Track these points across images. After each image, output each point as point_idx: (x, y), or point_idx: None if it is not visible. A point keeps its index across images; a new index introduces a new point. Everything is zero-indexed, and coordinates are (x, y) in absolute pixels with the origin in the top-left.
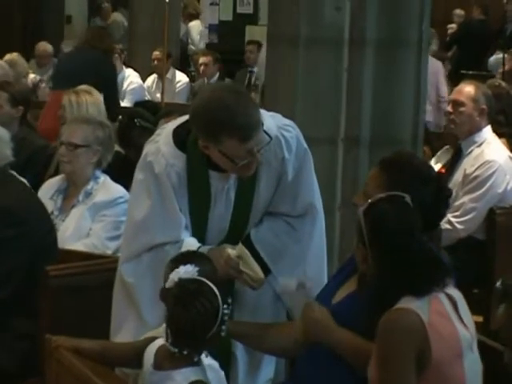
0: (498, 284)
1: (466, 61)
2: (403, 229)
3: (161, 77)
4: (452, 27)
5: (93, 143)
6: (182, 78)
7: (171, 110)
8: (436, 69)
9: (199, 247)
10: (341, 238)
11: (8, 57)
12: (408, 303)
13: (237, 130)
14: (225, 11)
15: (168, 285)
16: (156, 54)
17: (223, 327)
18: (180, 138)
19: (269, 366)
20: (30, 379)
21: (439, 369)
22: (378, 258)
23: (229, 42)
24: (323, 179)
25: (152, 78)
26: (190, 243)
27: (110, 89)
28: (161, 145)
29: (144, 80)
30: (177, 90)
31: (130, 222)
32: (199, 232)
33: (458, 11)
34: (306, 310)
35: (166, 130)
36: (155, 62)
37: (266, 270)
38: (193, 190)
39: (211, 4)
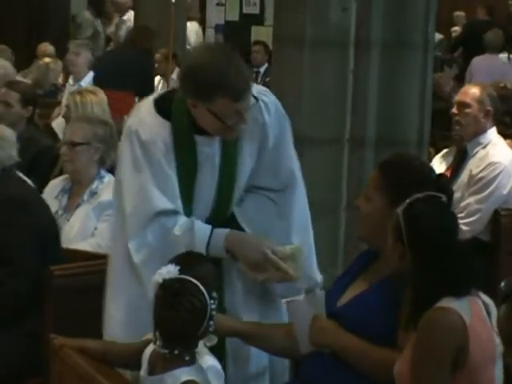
0: (502, 285)
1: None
2: (443, 228)
3: (163, 78)
4: (456, 30)
5: (92, 140)
6: None
7: None
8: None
9: (212, 229)
10: (346, 238)
11: None
12: (449, 303)
13: (230, 90)
14: (231, 11)
15: (153, 288)
16: (157, 56)
17: (211, 322)
18: (162, 106)
19: (260, 355)
20: (33, 379)
21: (473, 371)
22: (419, 257)
23: (235, 43)
24: (328, 179)
25: (157, 79)
26: (201, 226)
27: (149, 88)
28: (143, 115)
29: None
30: None
31: (128, 197)
32: (186, 203)
33: (458, 13)
34: (314, 321)
35: (145, 102)
36: (157, 64)
37: None
38: (179, 156)
39: (217, 4)
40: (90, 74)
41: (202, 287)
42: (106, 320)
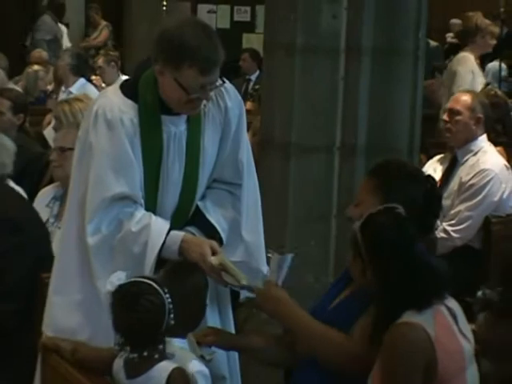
0: (480, 293)
1: None
2: (402, 240)
3: None
4: (450, 36)
5: None
6: None
7: None
8: None
9: (169, 230)
10: (336, 245)
11: None
12: (412, 317)
13: (199, 61)
14: (222, 19)
15: (106, 297)
16: None
17: (171, 316)
18: (128, 89)
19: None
20: None
21: (445, 382)
22: (378, 272)
23: (226, 50)
24: (319, 187)
25: None
26: (158, 226)
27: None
28: (110, 96)
29: None
30: None
31: (85, 180)
32: (152, 191)
33: (455, 20)
34: (268, 286)
35: (111, 87)
36: None
37: (220, 241)
38: (145, 137)
39: (208, 12)
40: (81, 81)
41: (155, 285)
42: (53, 312)
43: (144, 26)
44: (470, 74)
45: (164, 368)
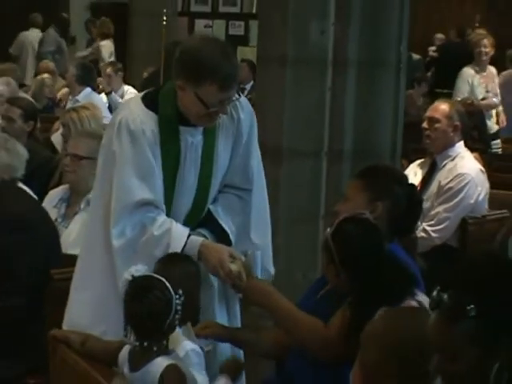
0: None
1: (442, 80)
2: (370, 246)
3: None
4: (432, 49)
5: (96, 156)
6: None
7: None
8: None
9: (189, 235)
10: None
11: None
12: None
13: (220, 78)
14: (217, 32)
15: (123, 285)
16: (145, 75)
17: (177, 316)
18: (149, 100)
19: None
20: (33, 378)
21: None
22: (350, 275)
23: None
24: (308, 189)
25: None
26: (179, 230)
27: None
28: (132, 108)
29: None
30: None
31: (112, 188)
32: (168, 196)
33: (439, 35)
34: (249, 278)
35: (133, 98)
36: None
37: (229, 243)
38: (164, 146)
39: (205, 26)
40: (87, 90)
41: (167, 283)
42: (71, 308)
43: (145, 40)
44: (466, 85)
45: (159, 363)
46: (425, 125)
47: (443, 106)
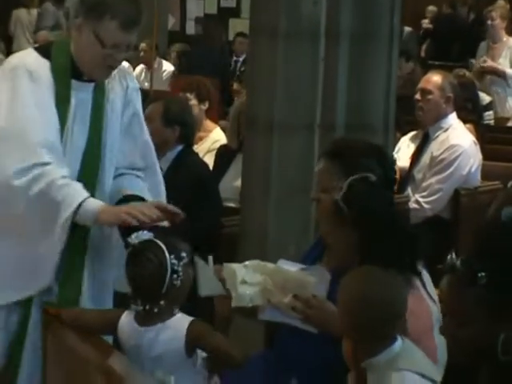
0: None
1: (436, 52)
2: (386, 205)
3: (147, 67)
4: (425, 22)
5: None
6: (167, 67)
7: (159, 96)
8: None
9: (86, 197)
10: (316, 222)
11: None
12: None
13: (121, 15)
14: (210, 5)
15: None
16: (143, 45)
17: (175, 276)
18: (43, 50)
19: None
20: None
21: (414, 343)
22: (366, 235)
23: (214, 34)
24: (301, 162)
25: (140, 68)
26: (77, 189)
27: (226, 76)
28: (25, 55)
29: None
30: (164, 78)
31: (10, 125)
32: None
33: (431, 8)
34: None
35: (25, 51)
36: (142, 54)
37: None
38: (57, 96)
39: None
40: None
41: (161, 245)
42: None
43: None
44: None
45: (182, 318)
46: (417, 96)
47: (435, 78)
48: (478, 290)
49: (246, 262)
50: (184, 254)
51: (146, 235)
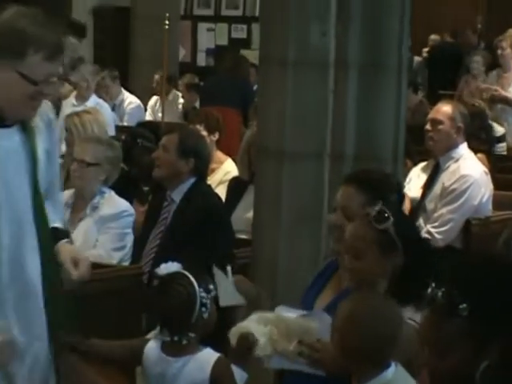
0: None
1: (439, 81)
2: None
3: (160, 98)
4: (426, 50)
5: (103, 162)
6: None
7: (172, 129)
8: None
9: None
10: (327, 246)
11: None
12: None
13: (45, 46)
14: (220, 36)
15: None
16: (156, 77)
17: (204, 309)
18: None
19: None
20: None
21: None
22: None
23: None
24: (311, 190)
25: (154, 99)
26: None
27: (249, 106)
28: None
29: (146, 101)
30: (179, 110)
31: None
32: None
33: (434, 36)
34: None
35: None
36: (155, 85)
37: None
38: None
39: (208, 30)
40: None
41: (190, 276)
42: None
43: (147, 44)
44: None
45: (209, 354)
46: (428, 127)
47: (446, 108)
48: (459, 320)
49: (249, 318)
50: (212, 287)
51: (174, 266)
